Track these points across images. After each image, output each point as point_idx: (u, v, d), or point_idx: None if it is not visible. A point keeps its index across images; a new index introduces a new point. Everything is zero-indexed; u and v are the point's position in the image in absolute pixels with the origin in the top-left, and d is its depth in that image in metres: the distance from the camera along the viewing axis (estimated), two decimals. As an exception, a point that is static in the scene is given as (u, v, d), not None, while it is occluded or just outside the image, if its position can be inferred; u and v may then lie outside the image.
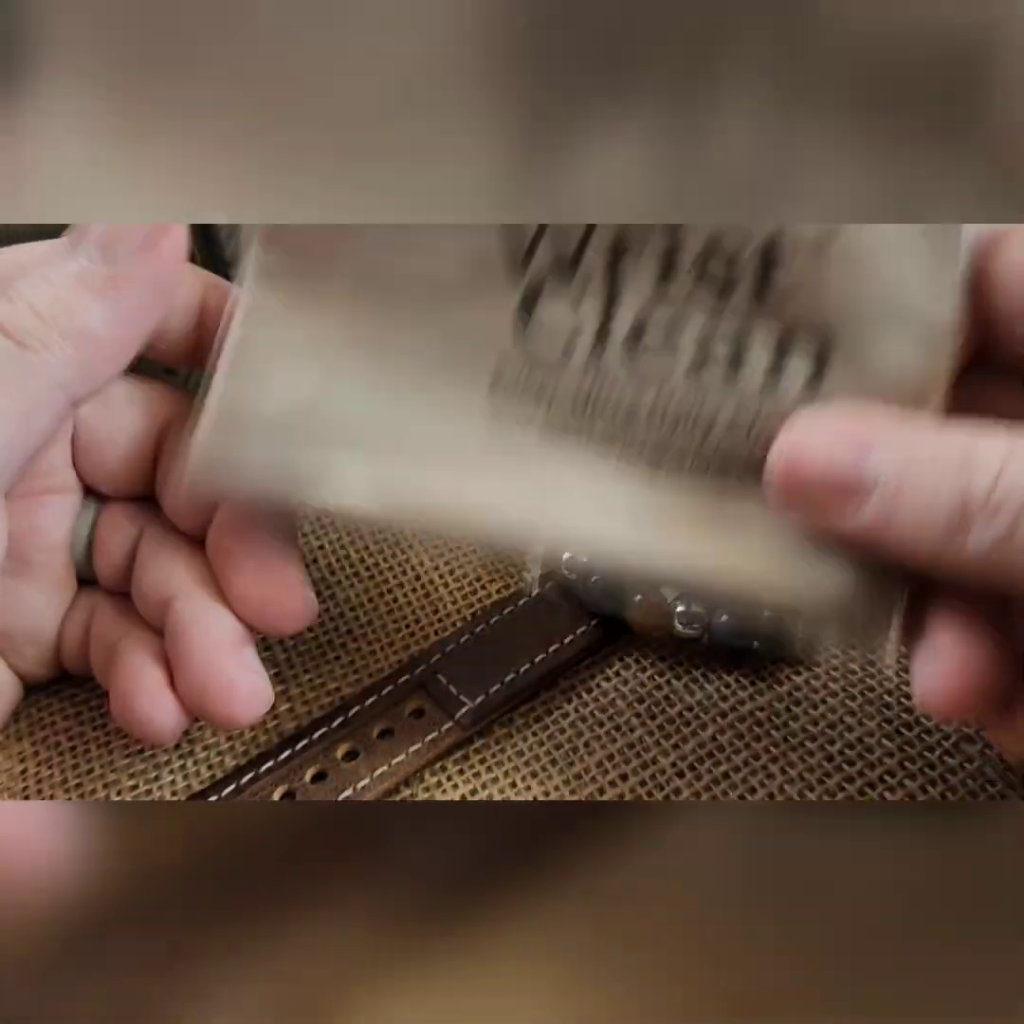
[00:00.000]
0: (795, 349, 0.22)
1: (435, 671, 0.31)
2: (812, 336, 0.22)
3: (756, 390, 0.22)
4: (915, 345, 0.21)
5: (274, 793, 0.28)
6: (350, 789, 0.28)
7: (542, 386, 0.22)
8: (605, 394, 0.22)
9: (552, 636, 0.32)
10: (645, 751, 0.29)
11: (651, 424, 0.22)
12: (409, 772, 0.28)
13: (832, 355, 0.21)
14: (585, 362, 0.22)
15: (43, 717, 0.30)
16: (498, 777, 0.28)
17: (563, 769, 0.28)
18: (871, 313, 0.21)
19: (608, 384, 0.22)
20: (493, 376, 0.23)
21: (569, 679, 0.31)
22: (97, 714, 0.30)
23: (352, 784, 0.28)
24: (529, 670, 0.30)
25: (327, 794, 0.28)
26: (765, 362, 0.22)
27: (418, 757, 0.28)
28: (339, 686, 0.31)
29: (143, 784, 0.29)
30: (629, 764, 0.28)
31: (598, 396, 0.22)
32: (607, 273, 0.22)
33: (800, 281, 0.21)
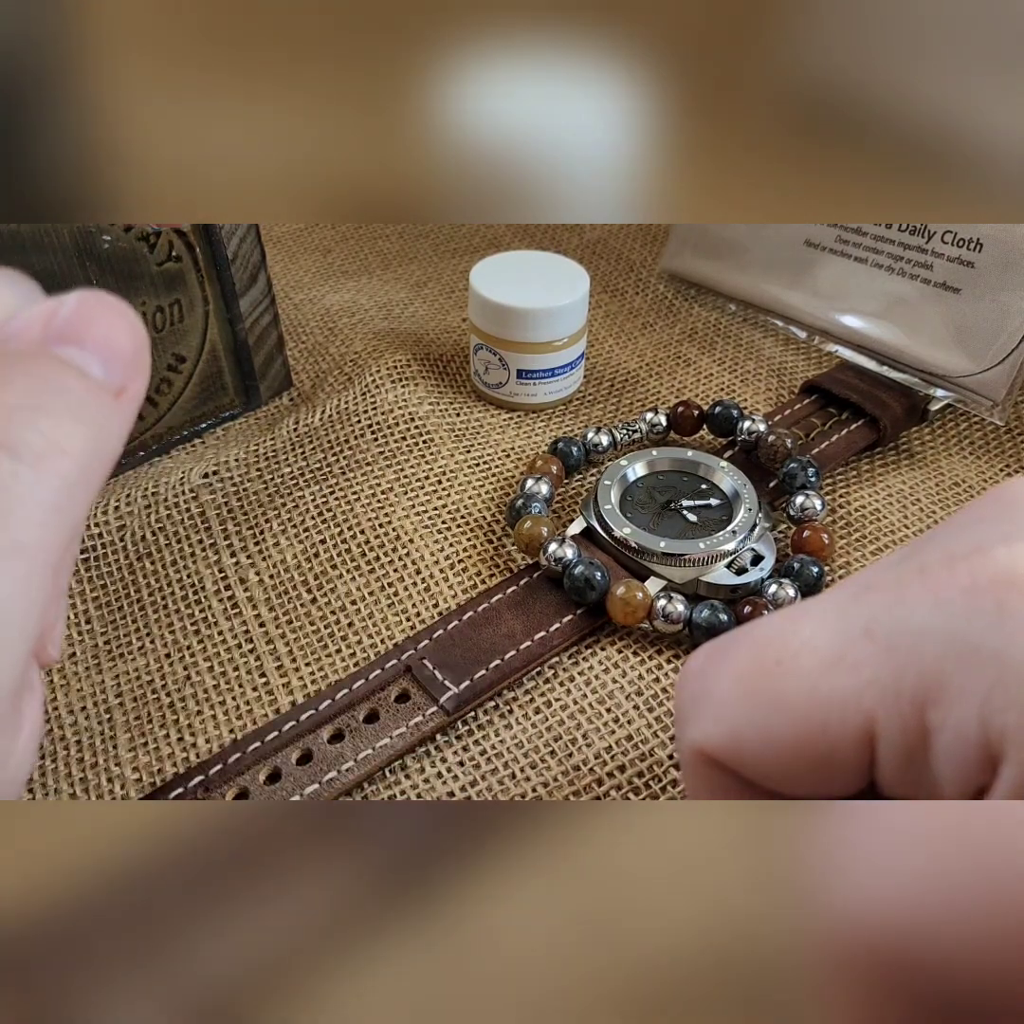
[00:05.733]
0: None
1: (421, 656, 0.31)
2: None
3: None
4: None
5: (260, 773, 0.28)
6: (334, 771, 0.28)
7: None
8: None
9: (536, 624, 0.32)
10: (643, 743, 0.29)
11: None
12: (393, 756, 0.28)
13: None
14: None
15: (47, 710, 0.31)
16: (497, 768, 0.29)
17: (562, 760, 0.29)
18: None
19: None
20: None
21: (568, 671, 0.31)
22: (101, 709, 0.31)
23: (336, 766, 0.28)
24: (513, 657, 0.31)
25: (312, 775, 0.28)
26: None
27: (402, 741, 0.29)
28: (341, 679, 0.31)
29: (147, 777, 0.29)
30: (627, 756, 0.29)
31: None
32: None
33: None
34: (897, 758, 0.16)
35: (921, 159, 0.24)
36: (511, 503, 0.36)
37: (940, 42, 0.23)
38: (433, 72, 0.22)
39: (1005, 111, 0.23)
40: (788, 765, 0.17)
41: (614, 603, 0.32)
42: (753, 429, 0.39)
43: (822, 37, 0.23)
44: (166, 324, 0.38)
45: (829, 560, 0.35)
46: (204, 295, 0.39)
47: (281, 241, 0.58)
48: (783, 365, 0.46)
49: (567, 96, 0.24)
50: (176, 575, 0.35)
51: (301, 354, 0.48)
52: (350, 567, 0.35)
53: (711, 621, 0.31)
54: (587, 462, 0.40)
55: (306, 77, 0.22)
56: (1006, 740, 0.14)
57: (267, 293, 0.41)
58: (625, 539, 0.34)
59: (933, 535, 0.18)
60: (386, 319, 0.50)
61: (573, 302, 0.41)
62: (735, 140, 0.23)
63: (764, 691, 0.17)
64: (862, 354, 0.43)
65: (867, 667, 0.16)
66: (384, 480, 0.38)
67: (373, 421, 0.41)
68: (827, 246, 0.45)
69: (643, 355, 0.47)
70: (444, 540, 0.36)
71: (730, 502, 0.36)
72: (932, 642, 0.15)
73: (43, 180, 0.22)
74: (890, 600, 0.16)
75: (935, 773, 0.15)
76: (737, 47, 0.22)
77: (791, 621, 0.18)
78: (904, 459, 0.41)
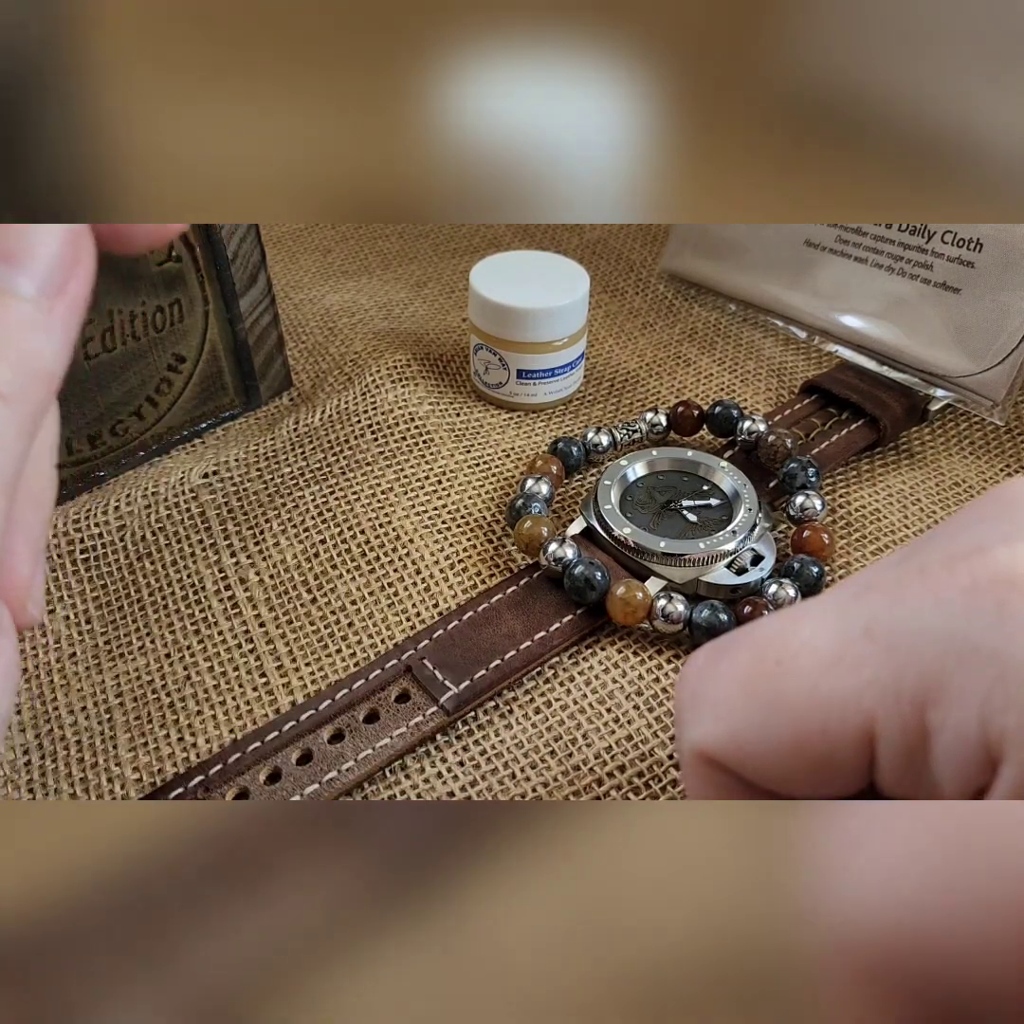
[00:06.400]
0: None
1: (421, 656, 0.31)
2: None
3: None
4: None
5: (260, 773, 0.28)
6: (334, 771, 0.28)
7: None
8: None
9: (536, 624, 0.32)
10: (643, 743, 0.29)
11: None
12: (393, 756, 0.28)
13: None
14: None
15: (47, 710, 0.31)
16: (497, 768, 0.29)
17: (562, 761, 0.29)
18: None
19: None
20: None
21: (568, 671, 0.31)
22: (101, 709, 0.31)
23: (336, 766, 0.28)
24: (514, 657, 0.31)
25: (312, 775, 0.28)
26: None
27: (402, 741, 0.29)
28: (341, 679, 0.31)
29: (147, 777, 0.29)
30: (627, 756, 0.29)
31: None
32: None
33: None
34: (897, 759, 0.16)
35: (921, 159, 0.24)
36: (511, 503, 0.36)
37: (940, 42, 0.23)
38: (433, 72, 0.22)
39: (1005, 111, 0.23)
40: (788, 766, 0.17)
41: (614, 603, 0.32)
42: (753, 429, 0.39)
43: (822, 37, 0.23)
44: (166, 324, 0.38)
45: (829, 560, 0.35)
46: (204, 295, 0.39)
47: (281, 241, 0.59)
48: (783, 365, 0.46)
49: (567, 96, 0.24)
50: (176, 575, 0.35)
51: (301, 354, 0.48)
52: (350, 567, 0.35)
53: (711, 621, 0.31)
54: (587, 462, 0.40)
55: (306, 77, 0.22)
56: (1006, 740, 0.14)
57: (267, 293, 0.41)
58: (625, 539, 0.34)
59: (933, 535, 0.18)
60: (386, 319, 0.50)
61: (573, 302, 0.41)
62: (735, 140, 0.23)
63: (764, 692, 0.17)
64: (862, 354, 0.43)
65: (867, 667, 0.16)
66: (384, 480, 0.38)
67: (373, 421, 0.41)
68: (827, 246, 0.45)
69: (643, 355, 0.47)
70: (444, 540, 0.36)
71: (730, 502, 0.36)
72: (932, 642, 0.15)
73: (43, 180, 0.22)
74: (890, 600, 0.16)
75: (935, 774, 0.15)
76: (737, 47, 0.22)
77: (791, 621, 0.18)
78: (904, 459, 0.41)
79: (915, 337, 0.41)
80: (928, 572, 0.16)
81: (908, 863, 0.14)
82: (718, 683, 0.18)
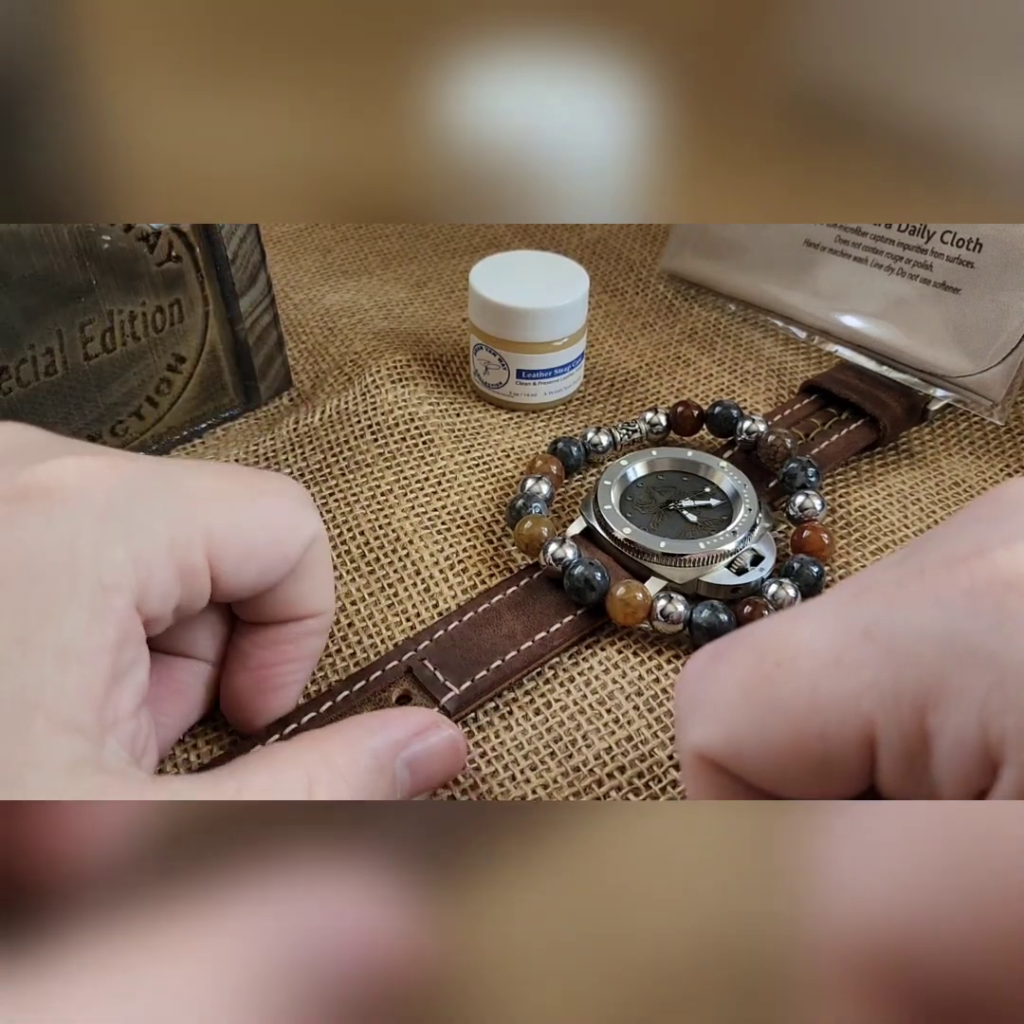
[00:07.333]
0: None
1: (422, 658, 0.31)
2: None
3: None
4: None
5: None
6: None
7: None
8: None
9: (537, 624, 0.32)
10: (643, 743, 0.29)
11: None
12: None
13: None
14: None
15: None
16: (498, 770, 0.29)
17: (562, 762, 0.29)
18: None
19: None
20: None
21: (568, 672, 0.31)
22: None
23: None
24: (514, 658, 0.31)
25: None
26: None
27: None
28: (341, 679, 0.31)
29: (146, 777, 0.29)
30: (627, 756, 0.29)
31: None
32: None
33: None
34: (897, 762, 0.16)
35: (921, 159, 0.24)
36: (511, 503, 0.36)
37: (940, 42, 0.23)
38: (433, 72, 0.22)
39: (1005, 111, 0.23)
40: (787, 768, 0.17)
41: (614, 603, 0.32)
42: (753, 429, 0.39)
43: (822, 37, 0.23)
44: (166, 324, 0.38)
45: (829, 560, 0.35)
46: (204, 295, 0.39)
47: (281, 241, 0.58)
48: (783, 365, 0.46)
49: (567, 96, 0.24)
50: (176, 575, 0.35)
51: (301, 354, 0.48)
52: (350, 568, 0.35)
53: (711, 621, 0.31)
54: (587, 462, 0.40)
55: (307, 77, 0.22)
56: (1005, 743, 0.14)
57: (267, 293, 0.41)
58: (625, 539, 0.34)
59: (933, 536, 0.17)
60: (386, 319, 0.50)
61: (573, 302, 0.41)
62: (735, 140, 0.23)
63: (763, 694, 0.17)
64: (862, 354, 0.43)
65: (867, 669, 0.16)
66: (384, 480, 0.38)
67: (373, 421, 0.41)
68: (827, 246, 0.45)
69: (643, 355, 0.47)
70: (444, 541, 0.36)
71: (730, 502, 0.36)
72: (931, 644, 0.15)
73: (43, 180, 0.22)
74: (890, 602, 0.16)
75: (936, 777, 0.15)
76: (737, 47, 0.22)
77: (791, 623, 0.18)
78: (904, 459, 0.41)
79: (915, 337, 0.41)
80: (927, 573, 0.16)
81: (907, 862, 0.14)
82: (717, 685, 0.18)
